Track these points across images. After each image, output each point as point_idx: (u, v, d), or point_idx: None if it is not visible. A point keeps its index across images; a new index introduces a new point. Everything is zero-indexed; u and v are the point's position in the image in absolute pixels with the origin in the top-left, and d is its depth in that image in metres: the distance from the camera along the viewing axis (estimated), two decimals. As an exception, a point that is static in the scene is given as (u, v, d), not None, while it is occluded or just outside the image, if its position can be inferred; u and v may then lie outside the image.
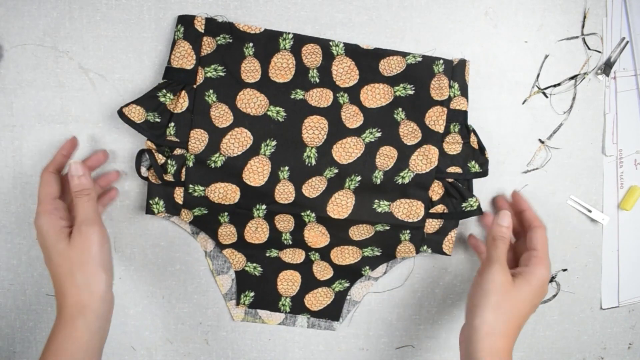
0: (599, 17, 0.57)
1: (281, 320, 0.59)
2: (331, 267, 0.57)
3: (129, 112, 0.51)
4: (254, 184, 0.53)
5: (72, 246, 0.47)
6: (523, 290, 0.48)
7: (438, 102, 0.54)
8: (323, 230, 0.55)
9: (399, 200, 0.54)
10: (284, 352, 0.60)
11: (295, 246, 0.57)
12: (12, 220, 0.57)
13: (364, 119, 0.54)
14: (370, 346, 0.60)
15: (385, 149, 0.54)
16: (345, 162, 0.54)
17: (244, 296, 0.58)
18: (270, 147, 0.53)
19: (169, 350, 0.59)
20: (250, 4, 0.55)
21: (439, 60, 0.54)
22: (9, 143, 0.56)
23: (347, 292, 0.58)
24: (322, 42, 0.54)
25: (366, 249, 0.56)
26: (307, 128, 0.54)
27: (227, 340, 0.59)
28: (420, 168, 0.54)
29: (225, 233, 0.56)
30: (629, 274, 0.61)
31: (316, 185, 0.54)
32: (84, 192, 0.49)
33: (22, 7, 0.54)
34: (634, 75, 0.59)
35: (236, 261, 0.57)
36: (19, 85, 0.55)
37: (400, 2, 0.56)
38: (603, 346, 0.62)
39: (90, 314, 0.46)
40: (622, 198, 0.60)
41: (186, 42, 0.53)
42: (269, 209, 0.54)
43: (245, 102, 0.53)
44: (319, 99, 0.54)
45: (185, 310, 0.59)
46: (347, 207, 0.54)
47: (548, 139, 0.58)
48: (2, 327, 0.58)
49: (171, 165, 0.53)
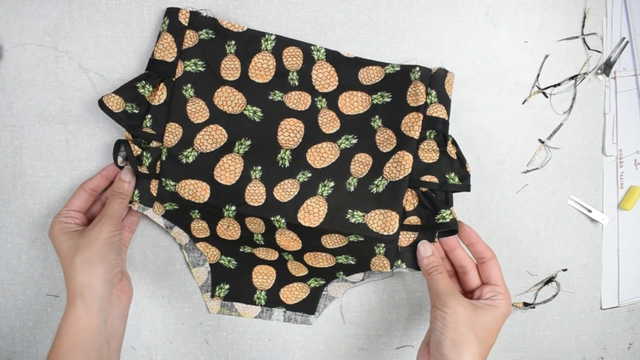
0: (599, 17, 0.57)
1: (257, 314, 0.58)
2: (305, 267, 0.56)
3: (108, 101, 0.50)
4: (225, 182, 0.52)
5: (82, 234, 0.48)
6: (488, 323, 0.47)
7: (414, 108, 0.53)
8: (294, 236, 0.54)
9: (373, 211, 0.52)
10: (284, 352, 0.60)
11: (268, 247, 0.56)
12: (12, 220, 0.57)
13: (341, 125, 0.54)
14: (370, 346, 0.60)
15: (361, 155, 0.53)
16: (319, 166, 0.53)
17: (218, 288, 0.57)
18: (245, 146, 0.53)
19: (169, 350, 0.59)
20: (250, 4, 0.55)
21: (415, 67, 0.53)
22: (9, 143, 0.56)
23: (322, 288, 0.58)
24: (304, 45, 0.54)
25: (340, 257, 0.55)
26: (283, 130, 0.53)
27: (227, 340, 0.59)
28: (394, 175, 0.52)
29: (198, 227, 0.55)
30: (629, 274, 0.61)
31: (288, 188, 0.52)
32: (121, 195, 0.51)
33: (22, 7, 0.54)
34: (634, 75, 0.59)
35: (210, 254, 0.57)
36: (19, 85, 0.55)
37: (400, 2, 0.56)
38: (603, 346, 0.62)
39: (88, 294, 0.46)
40: (622, 198, 0.60)
41: (169, 34, 0.52)
42: (238, 210, 0.52)
43: (222, 99, 0.53)
44: (297, 102, 0.54)
45: (185, 310, 0.59)
46: (318, 215, 0.52)
47: (548, 139, 0.58)
48: (2, 327, 0.58)
49: (146, 158, 0.52)
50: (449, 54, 0.56)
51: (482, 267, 0.52)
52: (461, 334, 0.45)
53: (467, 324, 0.46)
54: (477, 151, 0.57)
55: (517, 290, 0.60)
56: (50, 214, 0.56)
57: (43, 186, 0.56)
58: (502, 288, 0.50)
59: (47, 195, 0.56)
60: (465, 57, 0.56)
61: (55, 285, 0.58)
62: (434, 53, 0.56)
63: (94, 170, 0.56)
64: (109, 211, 0.50)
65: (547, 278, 0.60)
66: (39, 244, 0.57)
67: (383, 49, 0.56)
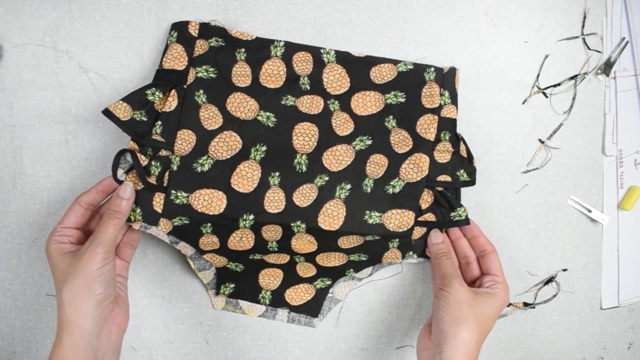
0: (599, 17, 0.57)
1: (261, 313, 0.58)
2: (315, 267, 0.57)
3: (115, 109, 0.49)
4: (243, 190, 0.51)
5: (74, 258, 0.46)
6: (487, 309, 0.49)
7: (429, 110, 0.54)
8: (311, 239, 0.54)
9: (390, 211, 0.53)
10: (284, 352, 0.60)
11: (281, 252, 0.55)
12: (12, 220, 0.57)
13: (355, 127, 0.54)
14: (370, 346, 0.60)
15: (376, 157, 0.53)
16: (335, 169, 0.53)
17: (224, 287, 0.57)
18: (261, 152, 0.52)
19: (169, 350, 0.59)
20: (250, 4, 0.55)
21: (430, 67, 0.54)
22: (9, 143, 0.56)
23: (328, 289, 0.58)
24: (313, 49, 0.54)
25: (353, 255, 0.55)
26: (298, 134, 0.53)
27: (227, 340, 0.59)
28: (411, 177, 0.53)
29: (207, 242, 0.53)
30: (629, 274, 0.61)
31: (307, 193, 0.52)
32: (117, 214, 0.47)
33: (22, 7, 0.54)
34: (634, 75, 0.59)
35: (217, 261, 0.56)
36: (19, 85, 0.55)
37: (400, 2, 0.56)
38: (603, 346, 0.62)
39: (75, 331, 0.44)
40: (622, 198, 0.60)
41: (179, 44, 0.52)
42: (257, 219, 0.51)
43: (235, 105, 0.52)
44: (309, 106, 0.53)
45: (185, 310, 0.59)
46: (338, 218, 0.52)
47: (548, 139, 0.58)
48: (2, 327, 0.58)
49: (155, 167, 0.50)
50: (449, 54, 0.56)
51: (482, 259, 0.54)
52: (462, 312, 0.48)
53: (468, 305, 0.48)
54: (477, 151, 0.57)
55: (517, 290, 0.60)
56: (50, 214, 0.57)
57: (43, 186, 0.56)
58: (500, 278, 0.52)
59: (47, 195, 0.56)
60: (465, 57, 0.56)
61: (55, 285, 0.58)
62: (433, 53, 0.56)
63: (94, 170, 0.56)
64: (102, 235, 0.46)
65: (547, 278, 0.60)
66: (39, 244, 0.57)
67: (383, 49, 0.56)
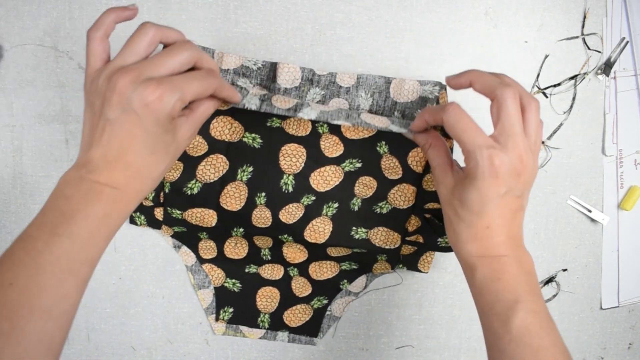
0: (599, 17, 0.57)
1: (262, 335, 0.59)
2: (310, 284, 0.58)
3: None
4: (231, 208, 0.53)
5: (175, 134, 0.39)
6: (473, 196, 0.40)
7: None
8: (301, 247, 0.55)
9: (376, 227, 0.54)
10: (284, 352, 0.60)
11: (274, 262, 0.57)
12: (12, 220, 0.57)
13: (344, 149, 0.53)
14: (370, 346, 0.60)
15: (365, 178, 0.53)
16: (322, 189, 0.53)
17: (223, 312, 0.58)
18: (247, 172, 0.52)
19: (169, 350, 0.59)
20: (250, 4, 0.55)
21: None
22: (9, 143, 0.56)
23: (325, 308, 0.59)
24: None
25: (344, 263, 0.57)
26: (285, 155, 0.52)
27: (227, 340, 0.59)
28: (397, 203, 0.53)
29: (205, 247, 0.56)
30: (629, 274, 0.61)
31: (293, 212, 0.53)
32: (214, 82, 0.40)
33: (22, 7, 0.54)
34: (634, 75, 0.59)
35: (215, 277, 0.57)
36: (19, 85, 0.55)
37: (400, 2, 0.56)
38: (603, 346, 0.62)
39: None
40: (622, 198, 0.60)
41: None
42: (246, 231, 0.54)
43: (219, 129, 0.52)
44: (296, 128, 0.52)
45: (185, 310, 0.59)
46: (324, 233, 0.53)
47: (548, 139, 0.58)
48: (2, 327, 0.58)
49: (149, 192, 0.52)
50: (449, 54, 0.56)
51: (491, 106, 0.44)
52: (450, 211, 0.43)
53: (450, 206, 0.43)
54: (477, 151, 0.57)
55: (517, 290, 0.60)
56: (50, 214, 0.56)
57: (43, 186, 0.56)
58: (489, 141, 0.43)
59: (47, 195, 0.56)
60: (465, 57, 0.56)
61: (55, 285, 0.58)
62: (433, 53, 0.56)
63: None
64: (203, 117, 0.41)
65: (547, 278, 0.60)
66: (39, 244, 0.57)
67: (383, 49, 0.56)
